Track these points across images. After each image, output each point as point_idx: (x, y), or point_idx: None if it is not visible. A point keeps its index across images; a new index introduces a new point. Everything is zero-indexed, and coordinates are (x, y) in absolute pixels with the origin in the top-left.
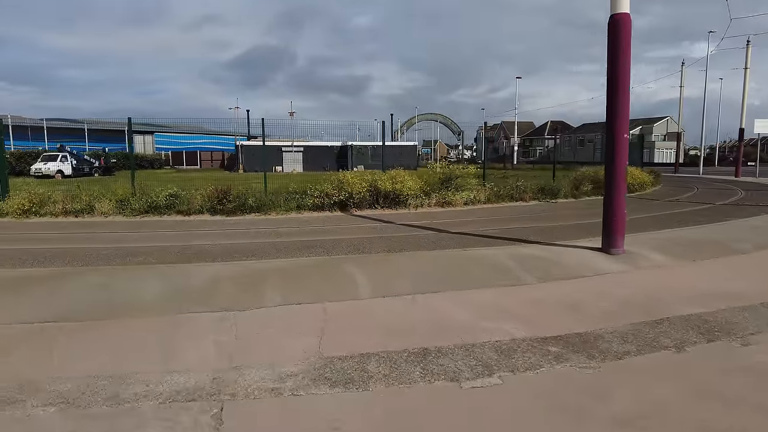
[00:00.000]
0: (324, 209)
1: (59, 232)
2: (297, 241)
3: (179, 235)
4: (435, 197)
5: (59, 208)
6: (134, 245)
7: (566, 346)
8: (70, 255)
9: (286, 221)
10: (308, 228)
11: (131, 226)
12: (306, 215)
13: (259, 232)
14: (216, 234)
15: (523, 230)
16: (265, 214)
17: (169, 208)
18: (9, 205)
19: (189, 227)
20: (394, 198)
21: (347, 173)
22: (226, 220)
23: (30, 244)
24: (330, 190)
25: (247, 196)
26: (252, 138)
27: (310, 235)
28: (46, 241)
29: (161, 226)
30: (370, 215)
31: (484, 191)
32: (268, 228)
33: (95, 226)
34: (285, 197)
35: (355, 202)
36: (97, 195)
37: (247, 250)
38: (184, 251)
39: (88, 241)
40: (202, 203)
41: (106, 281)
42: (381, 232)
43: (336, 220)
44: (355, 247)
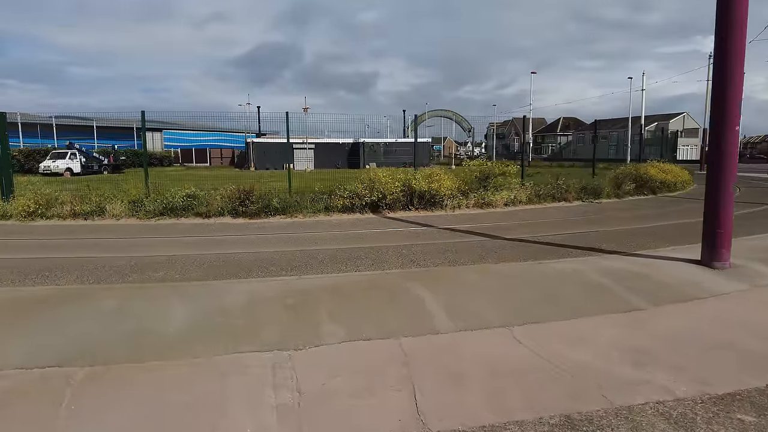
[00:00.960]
0: (354, 211)
1: (66, 238)
2: (336, 250)
3: (201, 241)
4: (473, 197)
5: (67, 209)
6: (151, 255)
7: (761, 413)
8: (79, 267)
9: (316, 225)
10: (342, 233)
11: (146, 231)
12: (335, 218)
13: (291, 239)
14: (242, 240)
15: (587, 236)
16: (291, 217)
17: (186, 210)
18: (13, 207)
19: (210, 232)
20: (430, 199)
21: (378, 172)
22: (250, 224)
23: (33, 252)
24: (361, 190)
25: (270, 197)
26: (262, 135)
27: (348, 242)
28: (52, 248)
29: (179, 230)
30: (405, 218)
31: (525, 191)
32: (298, 233)
33: (106, 230)
34: (311, 198)
35: (387, 203)
36: (107, 196)
37: (284, 262)
38: (211, 262)
39: (99, 248)
40: (223, 204)
41: (122, 305)
42: (425, 238)
43: (370, 224)
44: (406, 258)
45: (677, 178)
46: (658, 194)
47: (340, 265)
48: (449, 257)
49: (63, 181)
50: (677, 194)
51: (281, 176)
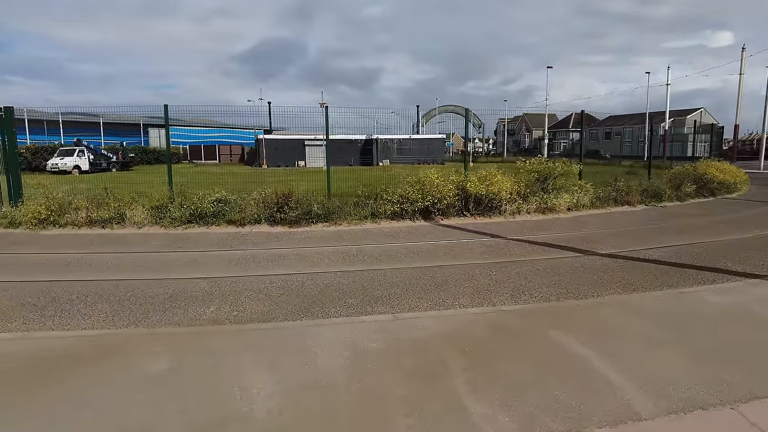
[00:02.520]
0: (404, 218)
1: (84, 252)
2: (411, 271)
3: (242, 258)
4: (534, 202)
5: (82, 216)
6: (190, 277)
7: None
8: (104, 296)
9: (366, 235)
10: (402, 246)
11: (174, 243)
12: (385, 226)
13: (347, 254)
14: (291, 257)
15: (692, 251)
16: (335, 224)
17: (216, 217)
18: (23, 213)
19: (249, 244)
20: (488, 203)
21: (429, 172)
22: (292, 234)
23: (48, 272)
24: (412, 194)
25: (310, 202)
26: (274, 131)
27: (417, 259)
28: (69, 267)
29: (212, 242)
30: (463, 225)
31: (587, 194)
32: (352, 246)
33: (128, 242)
34: (355, 202)
35: (439, 209)
36: (127, 201)
37: (357, 289)
38: (267, 291)
39: (124, 268)
40: (258, 211)
41: (176, 368)
42: (505, 254)
43: (428, 234)
44: (507, 285)
45: (735, 178)
46: (717, 196)
47: (431, 295)
48: (558, 283)
49: (73, 180)
50: (737, 196)
51: (300, 175)
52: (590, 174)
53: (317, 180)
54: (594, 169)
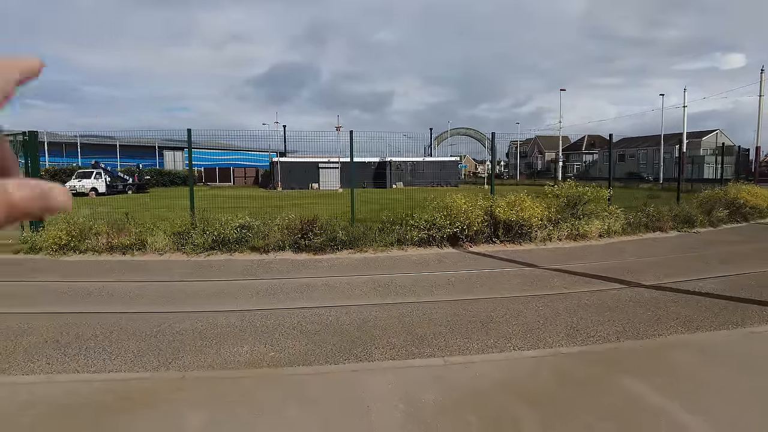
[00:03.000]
0: (431, 244)
1: (105, 281)
2: (449, 305)
3: (270, 288)
4: (566, 228)
5: (103, 242)
6: (218, 310)
7: None
8: (128, 332)
9: (395, 263)
10: (434, 276)
11: (198, 271)
12: (412, 253)
13: (377, 285)
14: (320, 287)
15: (743, 282)
16: (360, 251)
17: (240, 244)
18: (43, 239)
19: (275, 273)
20: (518, 230)
21: (456, 197)
22: (317, 262)
23: (68, 302)
24: (440, 220)
25: (334, 228)
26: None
27: (453, 291)
28: (89, 298)
29: (237, 270)
30: (493, 253)
31: (618, 219)
32: (381, 276)
33: (151, 269)
34: (379, 228)
35: (467, 235)
36: (148, 226)
37: (396, 326)
38: (302, 326)
39: (147, 299)
40: (282, 237)
41: (214, 419)
42: (546, 285)
43: (459, 262)
44: (557, 322)
45: (767, 202)
46: (750, 221)
47: (478, 334)
48: (612, 320)
49: (91, 202)
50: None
51: (315, 197)
52: (615, 199)
53: (334, 203)
54: (614, 193)
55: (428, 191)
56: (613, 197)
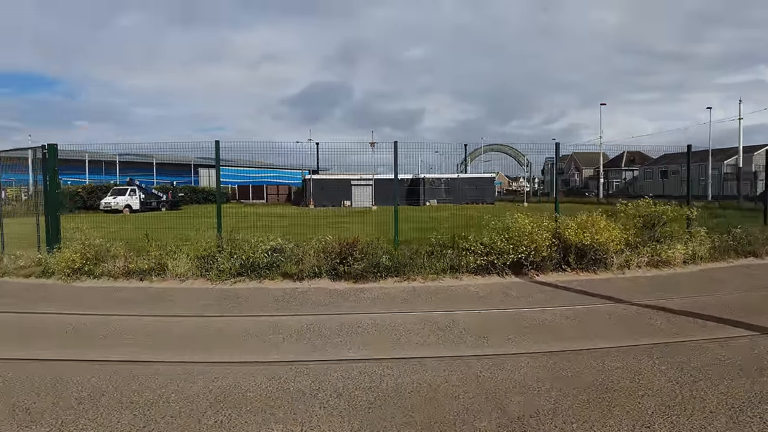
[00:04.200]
0: (491, 272)
1: (114, 314)
2: (540, 361)
3: (306, 329)
4: (646, 252)
5: (120, 266)
6: (242, 362)
7: None
8: (123, 403)
9: (451, 296)
10: (507, 316)
11: (222, 302)
12: (469, 282)
13: (440, 328)
14: (367, 328)
15: None
16: (407, 280)
17: (271, 269)
18: (57, 261)
19: (310, 306)
20: (592, 255)
21: (518, 216)
22: (359, 292)
23: (59, 347)
24: (501, 243)
25: (376, 252)
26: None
27: (539, 339)
28: (89, 340)
29: (266, 302)
30: (565, 284)
31: (703, 243)
32: (441, 314)
33: (168, 299)
34: (427, 252)
35: (532, 261)
36: (170, 249)
37: (480, 399)
38: (350, 394)
39: (159, 341)
40: (318, 261)
41: None
42: (650, 331)
43: (529, 297)
44: (693, 393)
45: None
46: None
47: (605, 418)
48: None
49: (123, 220)
50: None
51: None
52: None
53: (369, 221)
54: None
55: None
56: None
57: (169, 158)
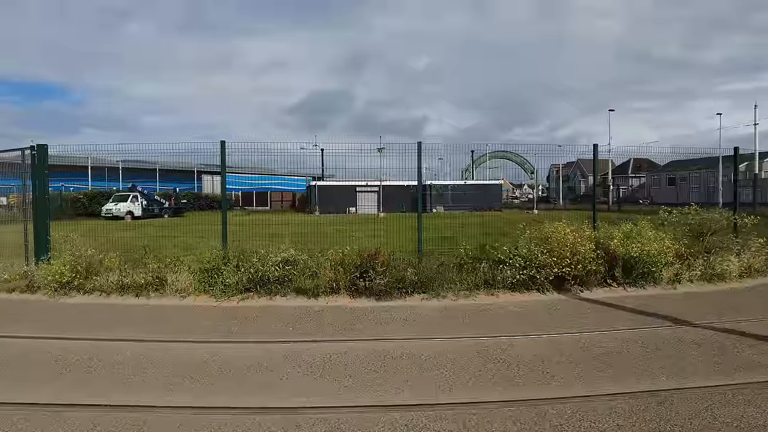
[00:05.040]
0: (530, 288)
1: (101, 339)
2: (618, 406)
3: (329, 362)
4: (699, 266)
5: (113, 280)
6: (252, 408)
7: None
8: None
9: (490, 318)
10: (557, 341)
11: (227, 324)
12: (507, 300)
13: (488, 359)
14: (401, 362)
15: None
16: (436, 297)
17: (282, 284)
18: (44, 275)
19: (332, 331)
20: (642, 269)
21: (559, 225)
22: (385, 312)
23: (21, 388)
24: (541, 256)
25: (398, 265)
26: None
27: (606, 376)
28: (62, 376)
29: (278, 325)
30: (614, 301)
31: (758, 254)
32: (488, 341)
33: (166, 321)
34: (457, 266)
35: (575, 275)
36: (170, 261)
37: None
38: None
39: (153, 377)
40: (336, 276)
41: None
42: (738, 363)
43: (577, 317)
44: None
45: None
46: None
47: None
48: None
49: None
50: None
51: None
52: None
53: (381, 229)
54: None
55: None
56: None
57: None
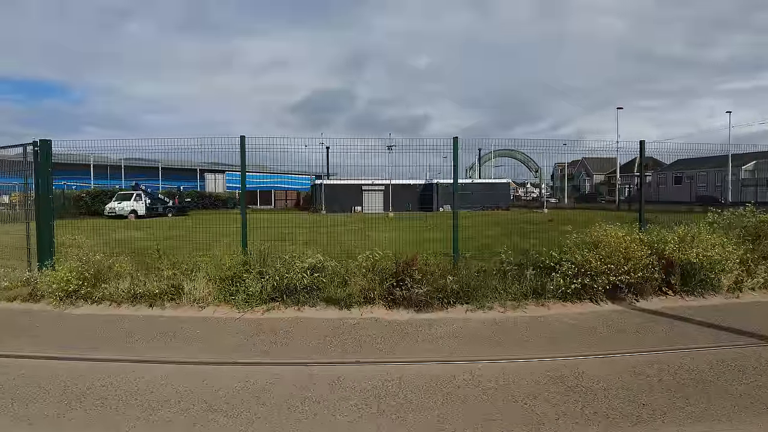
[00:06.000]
0: (582, 298)
1: (108, 360)
2: None
3: (389, 389)
4: (760, 272)
5: (124, 288)
6: None
7: None
8: None
9: (549, 332)
10: (639, 364)
11: (252, 341)
12: (559, 311)
13: (569, 388)
14: (472, 386)
15: None
16: (482, 309)
17: (310, 293)
18: (48, 281)
19: (372, 350)
20: (703, 276)
21: (610, 229)
22: (428, 326)
23: (34, 424)
24: (597, 263)
25: (434, 271)
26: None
27: (726, 415)
28: (76, 408)
29: (310, 344)
30: (677, 312)
31: None
32: (549, 360)
33: (185, 337)
34: (500, 272)
35: (630, 283)
36: (186, 268)
37: None
38: None
39: (171, 414)
40: (368, 284)
41: None
42: None
43: (641, 331)
44: None
45: None
46: None
47: None
48: None
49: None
50: None
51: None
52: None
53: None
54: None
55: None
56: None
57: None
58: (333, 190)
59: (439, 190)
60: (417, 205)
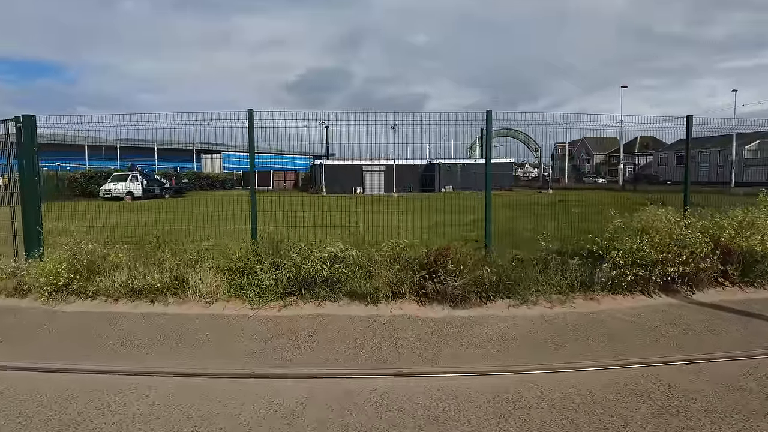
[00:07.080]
0: (633, 290)
1: (103, 370)
2: None
3: (451, 413)
4: None
5: (121, 281)
6: None
7: None
8: None
9: (607, 330)
10: (726, 370)
11: (276, 344)
12: (610, 306)
13: (659, 409)
14: (546, 408)
15: None
16: (525, 304)
17: (331, 286)
18: (36, 274)
19: (408, 356)
20: (764, 266)
21: (658, 212)
22: (468, 325)
23: None
24: (651, 251)
25: (465, 262)
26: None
27: None
28: None
29: (338, 346)
30: (741, 306)
31: None
32: (618, 368)
33: (192, 339)
34: (541, 262)
35: (684, 274)
36: (191, 258)
37: None
38: None
39: None
40: (395, 276)
41: None
42: None
43: (711, 329)
44: None
45: None
46: None
47: None
48: None
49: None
50: None
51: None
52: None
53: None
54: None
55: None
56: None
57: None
58: (333, 171)
59: (441, 170)
60: (418, 186)
